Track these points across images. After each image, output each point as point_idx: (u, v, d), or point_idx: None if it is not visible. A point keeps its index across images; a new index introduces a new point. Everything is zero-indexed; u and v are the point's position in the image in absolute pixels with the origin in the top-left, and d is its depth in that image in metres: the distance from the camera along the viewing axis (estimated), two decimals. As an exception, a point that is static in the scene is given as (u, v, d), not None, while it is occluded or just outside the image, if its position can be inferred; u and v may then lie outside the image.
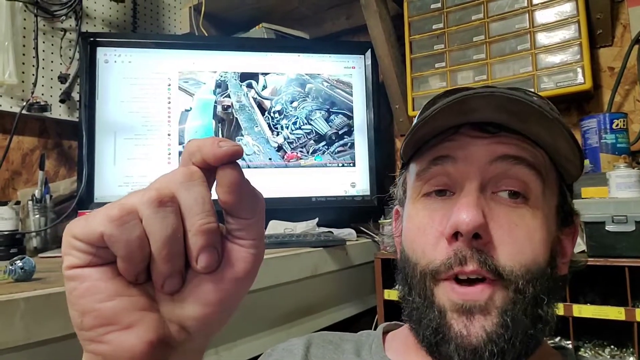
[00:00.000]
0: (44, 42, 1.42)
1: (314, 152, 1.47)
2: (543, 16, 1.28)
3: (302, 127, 1.47)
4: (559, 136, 0.44)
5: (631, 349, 0.95)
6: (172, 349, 0.28)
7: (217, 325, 0.30)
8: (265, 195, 0.31)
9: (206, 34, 1.71)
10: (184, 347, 0.29)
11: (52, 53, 1.44)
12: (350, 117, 1.51)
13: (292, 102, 1.48)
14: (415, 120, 0.54)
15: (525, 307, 0.43)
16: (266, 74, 1.47)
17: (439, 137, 0.48)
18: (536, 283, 0.43)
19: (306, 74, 1.50)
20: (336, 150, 1.49)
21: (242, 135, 1.43)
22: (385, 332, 0.58)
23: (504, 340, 0.42)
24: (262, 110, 1.46)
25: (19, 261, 0.70)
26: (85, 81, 1.36)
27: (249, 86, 1.46)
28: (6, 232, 1.09)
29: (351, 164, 1.49)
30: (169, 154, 1.38)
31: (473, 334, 0.42)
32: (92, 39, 1.38)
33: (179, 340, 0.28)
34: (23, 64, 1.36)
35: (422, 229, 0.47)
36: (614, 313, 0.91)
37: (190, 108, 1.41)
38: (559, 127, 0.43)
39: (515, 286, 0.43)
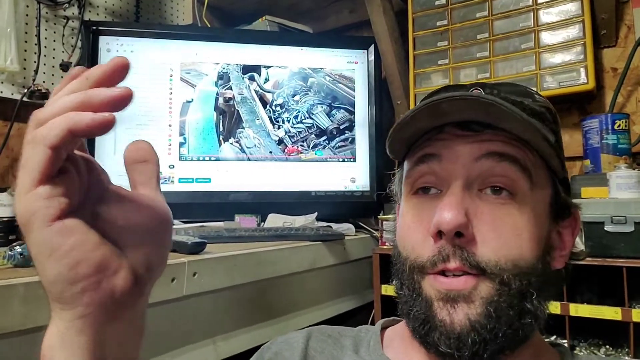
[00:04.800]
0: (46, 30, 1.41)
1: (315, 146, 1.47)
2: (547, 15, 1.28)
3: (304, 121, 1.47)
4: (536, 137, 0.45)
5: (626, 349, 0.95)
6: (144, 289, 0.33)
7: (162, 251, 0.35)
8: (265, 189, 0.33)
9: (209, 26, 1.70)
10: (148, 288, 0.34)
11: (54, 41, 1.44)
12: (352, 112, 1.51)
13: (294, 95, 1.47)
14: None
15: (510, 300, 0.43)
16: (268, 66, 1.47)
17: (426, 135, 0.49)
18: (523, 277, 0.44)
19: (308, 68, 1.49)
20: (337, 145, 1.49)
21: (243, 128, 1.43)
22: (384, 328, 0.58)
23: (486, 331, 0.42)
24: (264, 103, 1.46)
25: (18, 247, 0.70)
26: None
27: (251, 79, 1.45)
28: (5, 219, 1.09)
29: (351, 159, 1.49)
30: (170, 145, 1.38)
31: (457, 322, 0.43)
32: (94, 27, 1.37)
33: (146, 276, 0.33)
34: (25, 51, 1.36)
35: (412, 227, 0.48)
36: (611, 313, 0.91)
37: (192, 99, 1.41)
38: (533, 128, 0.44)
39: (501, 279, 0.43)
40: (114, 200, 0.32)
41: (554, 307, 0.90)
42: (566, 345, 0.96)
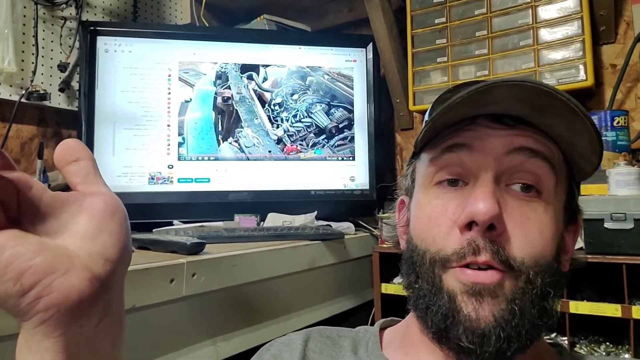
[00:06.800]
0: (43, 31, 1.41)
1: (314, 145, 1.47)
2: (546, 12, 1.28)
3: (302, 120, 1.47)
4: (581, 131, 0.43)
5: (627, 346, 0.95)
6: (107, 284, 0.31)
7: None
8: (264, 188, 0.31)
9: (207, 25, 1.70)
10: (113, 282, 0.32)
11: (52, 41, 1.43)
12: (351, 111, 1.50)
13: (292, 94, 1.47)
14: (427, 112, 0.54)
15: (533, 298, 0.43)
16: (267, 65, 1.46)
17: (453, 126, 0.47)
18: (544, 276, 0.44)
19: (307, 67, 1.49)
20: (336, 144, 1.48)
21: (242, 127, 1.43)
22: (382, 329, 0.58)
23: (510, 327, 0.42)
24: (263, 102, 1.45)
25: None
26: (85, 70, 1.35)
27: (250, 78, 1.45)
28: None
29: (351, 158, 1.49)
30: (169, 145, 1.38)
31: (482, 317, 0.42)
32: (92, 27, 1.37)
33: (107, 268, 0.31)
34: (23, 52, 1.36)
35: (434, 218, 0.47)
36: (611, 310, 0.91)
37: (190, 99, 1.41)
38: (582, 123, 0.42)
39: (526, 277, 0.43)
40: (54, 207, 0.31)
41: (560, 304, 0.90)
42: (566, 342, 0.96)
